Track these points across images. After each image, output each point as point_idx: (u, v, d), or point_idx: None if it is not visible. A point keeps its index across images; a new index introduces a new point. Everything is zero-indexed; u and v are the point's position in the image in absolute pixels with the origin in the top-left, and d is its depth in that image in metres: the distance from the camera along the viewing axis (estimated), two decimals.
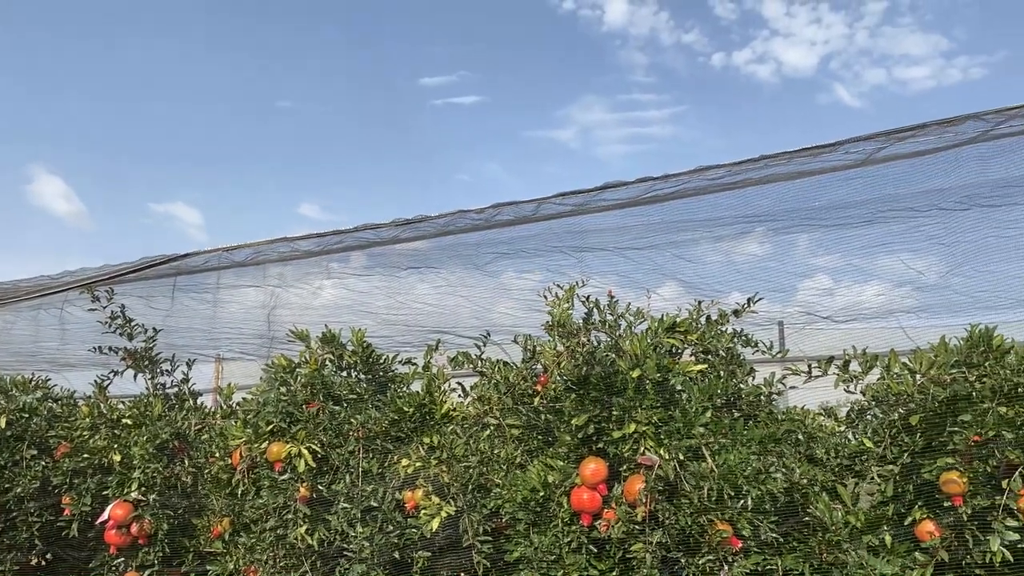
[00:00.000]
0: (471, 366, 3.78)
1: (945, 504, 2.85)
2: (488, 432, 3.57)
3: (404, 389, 3.98)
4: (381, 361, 4.08)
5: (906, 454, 3.02)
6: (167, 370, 4.77)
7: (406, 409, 3.53)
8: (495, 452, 3.46)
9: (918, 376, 3.04)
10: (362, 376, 4.10)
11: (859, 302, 4.09)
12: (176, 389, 4.76)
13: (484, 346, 3.83)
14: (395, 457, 3.47)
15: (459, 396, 3.87)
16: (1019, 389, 2.75)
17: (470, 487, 3.32)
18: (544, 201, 3.52)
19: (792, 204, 3.92)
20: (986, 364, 2.88)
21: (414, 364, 4.10)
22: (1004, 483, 2.73)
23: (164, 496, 4.06)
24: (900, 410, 3.10)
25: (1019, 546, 2.69)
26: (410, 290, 5.07)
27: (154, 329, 4.71)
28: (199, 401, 4.78)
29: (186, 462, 4.23)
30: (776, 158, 3.21)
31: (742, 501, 2.77)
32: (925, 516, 2.93)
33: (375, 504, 3.37)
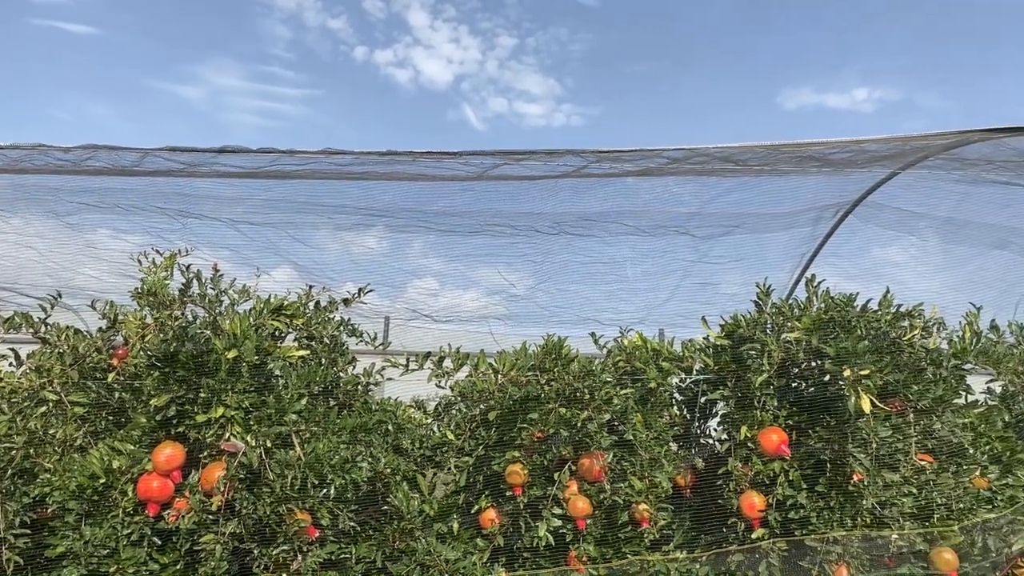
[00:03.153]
0: (31, 330, 3.20)
1: (508, 494, 3.15)
2: (44, 409, 3.04)
3: None
4: None
5: (481, 447, 3.28)
6: None
7: None
8: (50, 432, 2.97)
9: (500, 376, 3.32)
10: None
11: (458, 304, 4.38)
12: None
13: (52, 308, 3.27)
14: None
15: (11, 365, 3.25)
16: (578, 393, 3.15)
17: (10, 472, 2.80)
18: (150, 153, 3.11)
19: (412, 204, 4.04)
20: (555, 370, 3.26)
21: None
22: (556, 475, 3.10)
23: None
24: (481, 406, 3.36)
25: (560, 531, 3.08)
26: None
27: None
28: None
29: None
30: (402, 156, 3.26)
31: (325, 490, 2.75)
32: (490, 505, 3.20)
33: None
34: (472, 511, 3.23)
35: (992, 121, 3.15)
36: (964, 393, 3.35)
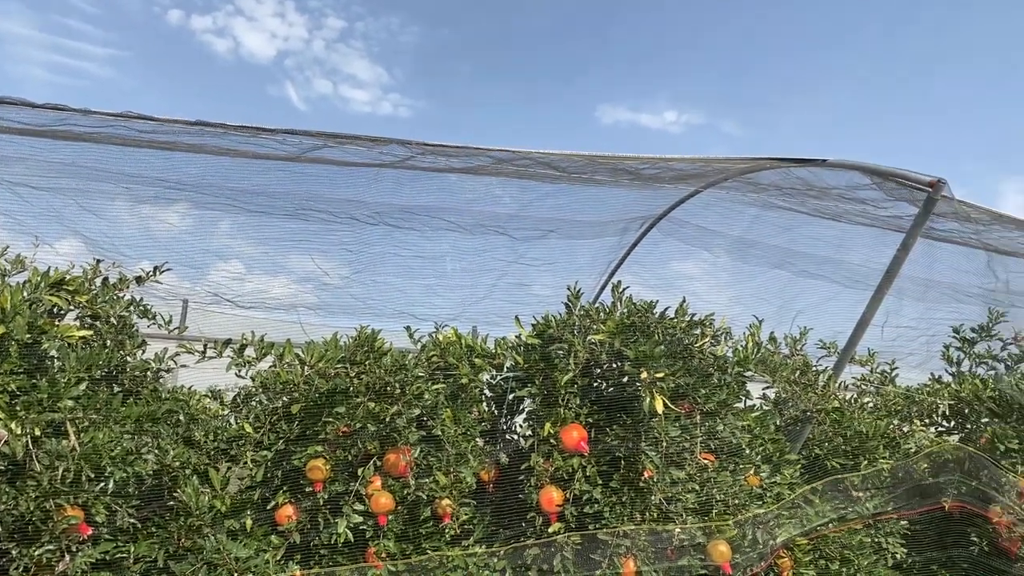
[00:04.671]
0: None
1: (307, 489, 3.04)
2: None
3: None
4: None
5: (282, 441, 3.14)
6: None
7: None
8: None
9: (307, 368, 3.19)
10: None
11: (266, 291, 4.16)
12: None
13: None
14: None
15: None
16: (388, 388, 3.10)
17: None
18: None
19: (221, 180, 3.78)
20: (366, 363, 3.18)
21: None
22: (360, 471, 3.03)
23: None
24: (285, 398, 3.22)
25: (361, 528, 3.02)
26: None
27: None
28: None
29: None
30: (213, 127, 3.04)
31: (103, 484, 2.51)
32: (287, 500, 3.07)
33: None
34: (268, 507, 3.08)
35: (782, 151, 3.46)
36: (744, 398, 3.67)
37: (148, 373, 3.28)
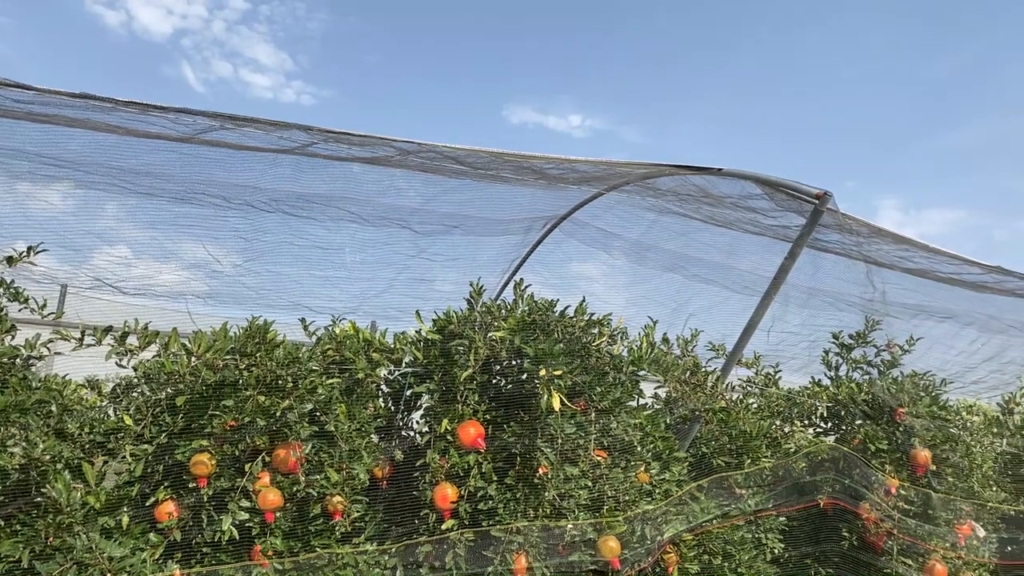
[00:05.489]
0: None
1: (191, 485, 2.90)
2: None
3: None
4: None
5: (165, 434, 2.99)
6: None
7: None
8: None
9: (193, 358, 3.06)
10: None
11: (154, 277, 3.96)
12: None
13: None
14: None
15: None
16: (280, 381, 3.00)
17: None
18: None
19: (107, 159, 3.57)
20: (257, 355, 3.07)
21: None
22: (248, 466, 2.92)
23: None
24: (169, 390, 3.07)
25: (247, 525, 2.91)
26: None
27: None
28: None
29: None
30: (99, 101, 2.86)
31: None
32: (168, 497, 2.93)
33: None
34: (147, 504, 2.93)
35: (680, 159, 3.57)
36: (637, 396, 3.75)
37: (17, 360, 3.06)
